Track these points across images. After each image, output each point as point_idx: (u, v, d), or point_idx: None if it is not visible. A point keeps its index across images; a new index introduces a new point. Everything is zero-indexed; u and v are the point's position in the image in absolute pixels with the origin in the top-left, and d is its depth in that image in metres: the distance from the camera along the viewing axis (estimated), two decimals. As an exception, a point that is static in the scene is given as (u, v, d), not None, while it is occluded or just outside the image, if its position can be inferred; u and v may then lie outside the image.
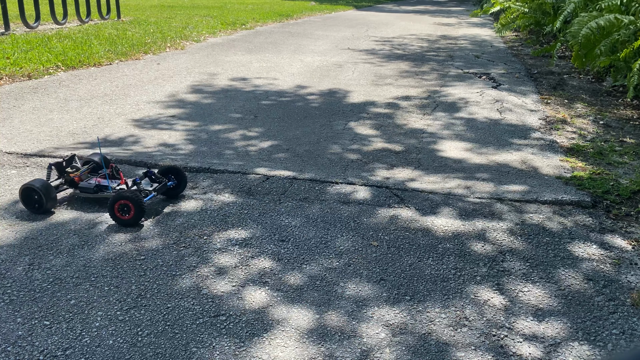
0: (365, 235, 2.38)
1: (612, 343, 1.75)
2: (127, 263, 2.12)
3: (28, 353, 1.64)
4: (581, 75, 6.15)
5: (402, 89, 5.27)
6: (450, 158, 3.39)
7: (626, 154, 3.51)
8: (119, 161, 3.10)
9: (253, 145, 3.53)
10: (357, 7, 16.95)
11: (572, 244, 2.34)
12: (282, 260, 2.17)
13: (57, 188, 2.60)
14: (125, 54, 6.54)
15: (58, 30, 8.06)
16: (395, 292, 1.98)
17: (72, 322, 1.78)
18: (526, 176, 3.10)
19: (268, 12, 12.45)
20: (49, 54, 6.01)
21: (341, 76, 5.81)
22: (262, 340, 1.72)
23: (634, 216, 2.61)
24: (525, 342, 1.74)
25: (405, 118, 4.27)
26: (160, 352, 1.66)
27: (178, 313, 1.84)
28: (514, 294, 1.99)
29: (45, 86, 4.94)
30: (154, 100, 4.59)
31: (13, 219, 2.45)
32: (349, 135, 3.79)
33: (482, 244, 2.33)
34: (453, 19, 13.69)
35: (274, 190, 2.80)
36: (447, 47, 8.36)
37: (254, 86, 5.23)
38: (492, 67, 6.55)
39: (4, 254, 2.16)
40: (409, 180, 2.98)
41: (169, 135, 3.68)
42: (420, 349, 1.70)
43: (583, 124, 4.20)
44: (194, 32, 8.69)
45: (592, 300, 1.97)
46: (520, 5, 8.22)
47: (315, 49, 7.64)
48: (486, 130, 4.00)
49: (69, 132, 3.66)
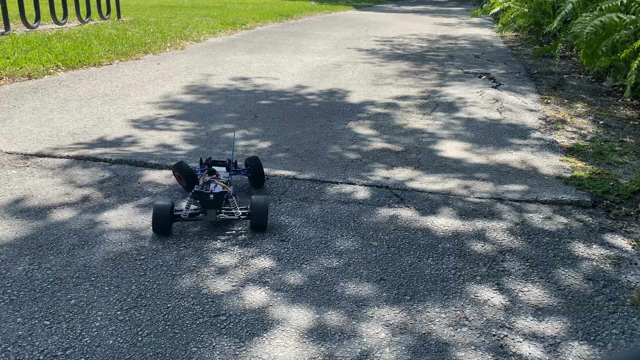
0: (365, 235, 2.38)
1: (612, 343, 1.75)
2: (127, 263, 2.12)
3: (28, 353, 1.64)
4: (581, 75, 6.16)
5: (402, 89, 5.27)
6: (450, 158, 3.40)
7: (626, 153, 3.51)
8: (118, 161, 3.10)
9: (253, 145, 3.53)
10: (357, 7, 16.95)
11: (572, 244, 2.35)
12: (282, 260, 2.17)
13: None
14: (125, 54, 6.54)
15: (58, 30, 8.06)
16: (395, 292, 1.98)
17: (72, 322, 1.78)
18: (526, 176, 3.10)
19: (268, 12, 12.45)
20: (49, 54, 6.01)
21: (341, 76, 5.81)
22: (262, 340, 1.72)
23: (634, 216, 2.62)
24: (525, 342, 1.74)
25: (405, 118, 4.28)
26: (160, 352, 1.66)
27: (178, 313, 1.84)
28: (514, 294, 1.99)
29: (45, 86, 4.94)
30: (154, 100, 4.59)
31: (13, 219, 2.45)
32: (348, 135, 3.79)
33: (482, 243, 2.33)
34: (453, 19, 13.69)
35: (273, 190, 2.80)
36: (447, 47, 8.36)
37: (254, 86, 5.23)
38: (492, 67, 6.55)
39: (4, 254, 2.16)
40: (409, 180, 2.99)
41: (169, 135, 3.69)
42: (420, 349, 1.70)
43: (583, 124, 4.20)
44: (194, 32, 8.69)
45: (592, 300, 1.97)
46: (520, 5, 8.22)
47: (315, 49, 7.64)
48: (486, 130, 4.00)
49: (69, 132, 3.66)
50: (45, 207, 2.56)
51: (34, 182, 2.82)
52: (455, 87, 5.38)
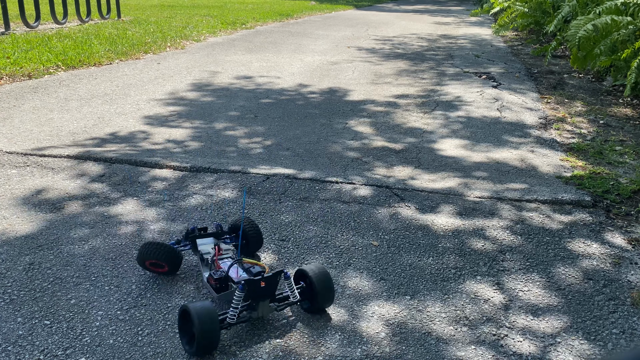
0: (365, 234, 2.38)
1: (612, 342, 1.75)
2: (128, 262, 2.12)
3: (28, 352, 1.64)
4: (581, 75, 6.15)
5: (402, 88, 5.27)
6: (450, 157, 3.39)
7: (626, 153, 3.51)
8: (118, 160, 3.10)
9: (253, 144, 3.53)
10: (357, 6, 16.95)
11: (572, 243, 2.35)
12: (283, 259, 2.17)
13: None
14: (126, 54, 6.54)
15: (58, 29, 8.06)
16: (395, 290, 1.99)
17: (72, 322, 1.78)
18: (526, 175, 3.10)
19: (268, 12, 12.45)
20: (49, 54, 6.01)
21: (341, 75, 5.81)
22: (263, 339, 1.72)
23: (634, 215, 2.62)
24: (525, 341, 1.74)
25: (405, 117, 4.27)
26: (160, 352, 1.66)
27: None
28: (513, 293, 1.99)
29: (45, 86, 4.94)
30: (154, 99, 4.59)
31: (13, 219, 2.45)
32: (349, 134, 3.79)
33: (482, 242, 2.33)
34: (453, 18, 13.69)
35: (274, 189, 2.80)
36: (447, 46, 8.36)
37: (254, 85, 5.23)
38: (492, 67, 6.55)
39: (4, 253, 2.16)
40: (409, 179, 2.99)
41: (169, 135, 3.69)
42: (420, 348, 1.70)
43: (583, 123, 4.20)
44: (194, 32, 8.68)
45: (592, 299, 1.97)
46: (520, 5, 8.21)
47: (316, 49, 7.64)
48: (486, 129, 4.00)
49: (69, 132, 3.66)
50: (46, 207, 2.56)
51: (34, 182, 2.82)
52: (455, 86, 5.38)
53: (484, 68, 6.44)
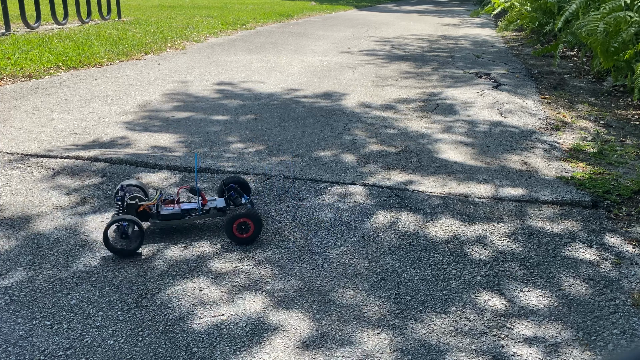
0: (365, 235, 2.38)
1: (612, 343, 1.75)
2: (128, 263, 2.12)
3: (29, 353, 1.64)
4: (582, 75, 6.15)
5: (403, 90, 5.27)
6: (451, 159, 3.39)
7: (627, 154, 3.51)
8: (119, 161, 3.10)
9: (253, 145, 3.53)
10: (358, 7, 16.95)
11: (573, 244, 2.34)
12: (283, 260, 2.17)
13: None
14: (126, 54, 6.54)
15: (59, 30, 8.06)
16: (395, 292, 1.98)
17: (72, 322, 1.78)
18: (526, 176, 3.10)
19: (268, 12, 12.45)
20: (49, 54, 6.01)
21: (341, 76, 5.81)
22: (263, 340, 1.72)
23: (635, 216, 2.61)
24: (525, 343, 1.74)
25: (406, 119, 4.27)
26: (160, 352, 1.66)
27: (179, 313, 1.84)
28: (514, 295, 1.99)
29: (45, 86, 4.94)
30: (155, 99, 4.59)
31: (14, 219, 2.45)
32: (349, 135, 3.79)
33: (483, 244, 2.33)
34: (454, 18, 13.69)
35: (274, 190, 2.80)
36: (448, 47, 8.36)
37: (254, 86, 5.23)
38: (493, 67, 6.55)
39: (4, 254, 2.17)
40: (409, 181, 2.98)
41: (169, 135, 3.69)
42: (420, 350, 1.70)
43: (584, 124, 4.20)
44: (195, 32, 8.69)
45: (593, 300, 1.97)
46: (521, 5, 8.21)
47: (316, 49, 7.64)
48: (487, 130, 4.00)
49: (69, 132, 3.66)
50: (46, 207, 2.56)
51: (35, 182, 2.82)
52: (455, 88, 5.38)
53: (485, 69, 6.44)
